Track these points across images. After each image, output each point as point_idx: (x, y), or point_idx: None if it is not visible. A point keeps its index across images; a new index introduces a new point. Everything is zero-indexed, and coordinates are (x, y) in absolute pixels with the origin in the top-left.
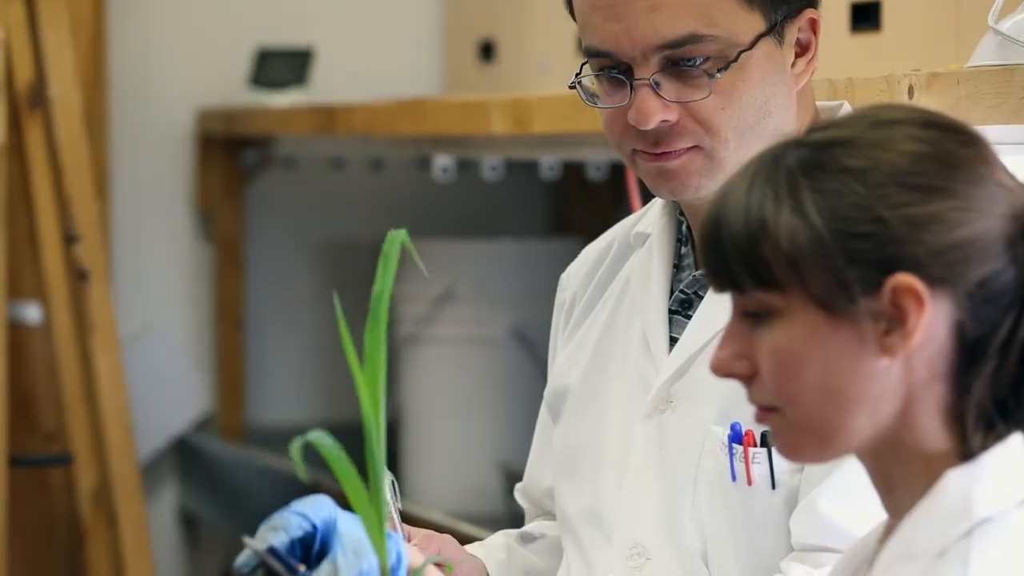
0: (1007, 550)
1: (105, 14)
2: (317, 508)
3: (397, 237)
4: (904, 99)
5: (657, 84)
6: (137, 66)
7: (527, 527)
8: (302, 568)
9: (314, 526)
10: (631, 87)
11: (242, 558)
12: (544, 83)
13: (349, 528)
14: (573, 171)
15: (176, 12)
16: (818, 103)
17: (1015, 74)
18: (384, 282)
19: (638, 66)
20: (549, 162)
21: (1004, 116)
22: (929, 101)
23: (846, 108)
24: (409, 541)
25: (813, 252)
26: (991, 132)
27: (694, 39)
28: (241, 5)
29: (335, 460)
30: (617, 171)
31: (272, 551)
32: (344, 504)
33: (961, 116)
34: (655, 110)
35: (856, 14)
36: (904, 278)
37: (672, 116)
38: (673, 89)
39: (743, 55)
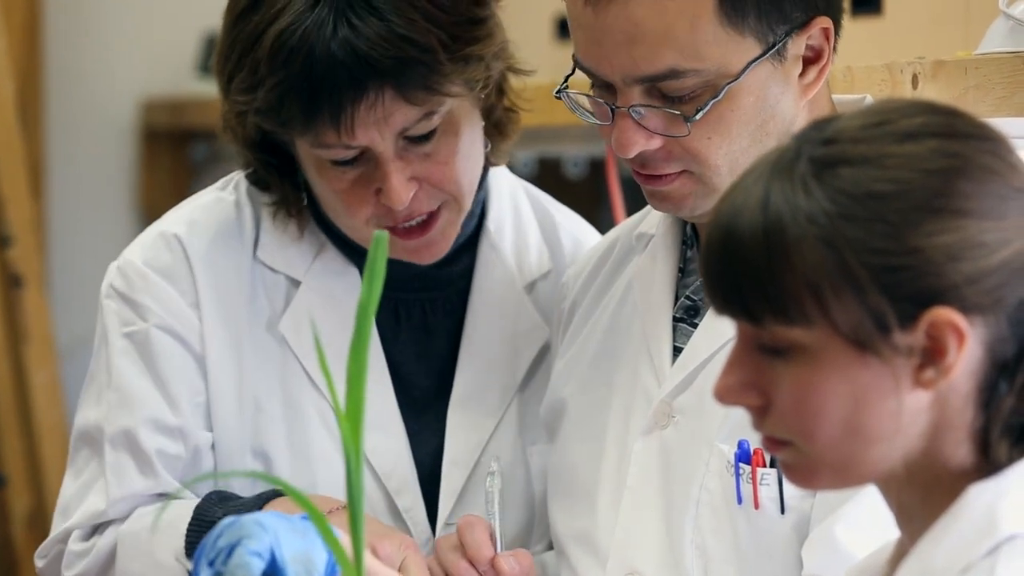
0: None
1: None
2: (261, 535)
3: (382, 240)
4: (908, 89)
5: (639, 113)
6: (75, 51)
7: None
8: None
9: (269, 558)
10: (613, 112)
11: None
12: (520, 80)
13: (292, 548)
14: (549, 167)
15: None
16: (836, 97)
17: None
18: (371, 292)
19: (620, 92)
20: (524, 157)
21: (1016, 107)
22: (935, 91)
23: (868, 103)
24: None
25: (843, 285)
26: (1001, 125)
27: (674, 74)
28: None
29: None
30: (596, 167)
31: None
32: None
33: (969, 108)
34: (635, 141)
35: None
36: (943, 312)
37: (655, 144)
38: (656, 119)
39: (729, 87)
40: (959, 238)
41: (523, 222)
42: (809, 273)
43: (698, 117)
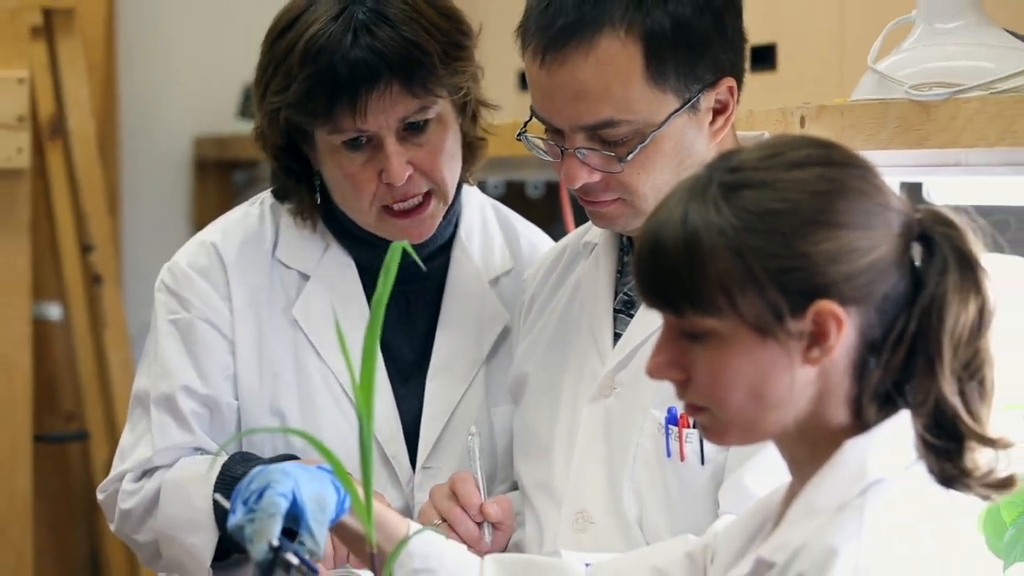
0: (895, 505)
1: (116, 56)
2: (285, 480)
3: (397, 248)
4: (797, 128)
5: (582, 154)
6: (143, 101)
7: None
8: (302, 548)
9: (291, 499)
10: (562, 152)
11: (259, 554)
12: (489, 114)
13: (309, 490)
14: (515, 188)
15: (176, 54)
16: (740, 134)
17: (890, 107)
18: (384, 288)
19: (567, 137)
20: (494, 181)
21: (881, 143)
22: (818, 130)
23: (765, 138)
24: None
25: (747, 284)
26: (870, 156)
27: (610, 124)
28: (231, 48)
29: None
30: (552, 189)
31: (280, 545)
32: None
33: (845, 143)
34: (580, 176)
35: (755, 55)
36: (825, 304)
37: (595, 178)
38: (596, 158)
39: (654, 134)
40: (837, 245)
41: (489, 231)
42: (720, 275)
43: (629, 158)
